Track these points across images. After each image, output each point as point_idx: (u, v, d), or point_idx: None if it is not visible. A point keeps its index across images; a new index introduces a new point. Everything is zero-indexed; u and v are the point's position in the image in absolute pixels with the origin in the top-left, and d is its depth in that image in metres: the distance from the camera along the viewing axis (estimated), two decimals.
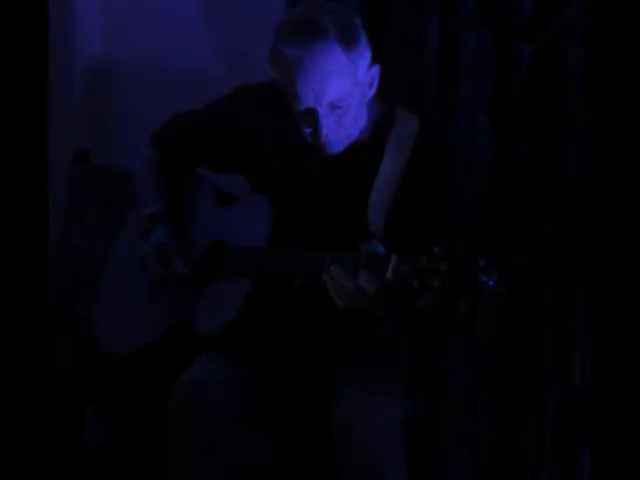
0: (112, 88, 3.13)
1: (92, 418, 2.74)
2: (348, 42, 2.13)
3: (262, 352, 2.30)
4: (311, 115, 2.16)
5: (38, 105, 2.27)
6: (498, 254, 2.06)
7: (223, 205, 2.39)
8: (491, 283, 1.88)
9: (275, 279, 2.19)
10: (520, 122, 1.77)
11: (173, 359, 2.32)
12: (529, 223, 2.43)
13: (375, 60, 2.21)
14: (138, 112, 3.01)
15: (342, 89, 2.14)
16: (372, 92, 2.23)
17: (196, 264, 2.35)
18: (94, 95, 3.14)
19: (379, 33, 2.55)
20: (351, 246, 2.07)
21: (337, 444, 2.10)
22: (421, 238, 2.09)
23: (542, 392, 2.52)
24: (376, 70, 2.21)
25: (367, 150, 2.24)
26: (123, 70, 3.11)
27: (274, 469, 2.38)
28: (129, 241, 2.48)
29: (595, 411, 2.35)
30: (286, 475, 2.41)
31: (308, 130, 2.20)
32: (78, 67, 3.12)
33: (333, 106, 2.15)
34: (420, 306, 1.91)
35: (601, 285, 2.16)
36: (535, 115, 2.40)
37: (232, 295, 2.23)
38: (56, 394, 2.72)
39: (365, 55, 2.18)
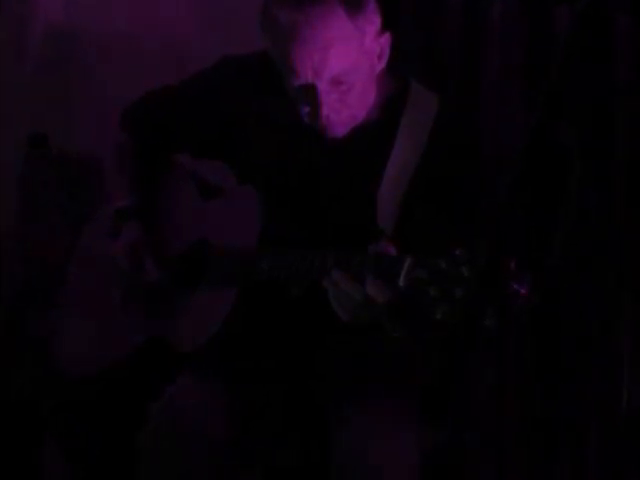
0: (74, 60, 3.09)
1: (51, 452, 2.71)
2: (353, 5, 2.05)
3: (252, 372, 2.23)
4: (309, 92, 2.07)
5: None
6: (532, 256, 2.07)
7: (206, 198, 2.32)
8: (523, 291, 1.79)
9: (267, 285, 2.10)
10: (560, 98, 1.69)
11: (147, 380, 2.27)
12: (568, 219, 2.39)
13: (386, 27, 2.12)
14: (105, 89, 2.98)
15: (346, 61, 2.06)
16: (382, 65, 2.14)
17: (174, 268, 2.29)
18: (53, 68, 3.11)
19: None
20: (357, 246, 1.97)
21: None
22: (440, 237, 2.02)
23: (583, 420, 2.50)
24: (386, 39, 2.12)
25: (376, 133, 2.17)
26: (88, 39, 3.08)
27: None
28: (95, 241, 2.41)
29: None
30: None
31: (306, 109, 2.11)
32: (33, 34, 3.08)
33: (335, 81, 2.07)
34: (439, 319, 1.81)
35: None
36: (577, 89, 2.39)
37: (217, 304, 2.15)
38: (9, 425, 2.72)
39: (374, 21, 2.09)
